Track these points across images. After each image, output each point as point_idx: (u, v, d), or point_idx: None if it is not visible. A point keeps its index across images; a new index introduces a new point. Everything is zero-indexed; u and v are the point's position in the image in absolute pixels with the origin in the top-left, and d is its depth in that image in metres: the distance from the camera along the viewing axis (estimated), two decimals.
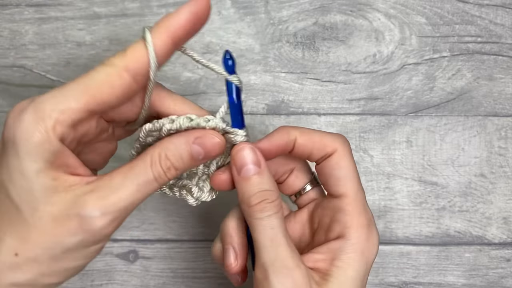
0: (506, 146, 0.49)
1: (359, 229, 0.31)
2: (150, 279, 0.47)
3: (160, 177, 0.28)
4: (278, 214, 0.30)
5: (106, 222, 0.27)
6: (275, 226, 0.29)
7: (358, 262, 0.30)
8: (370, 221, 0.32)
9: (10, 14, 0.48)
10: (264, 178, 0.30)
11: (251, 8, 0.49)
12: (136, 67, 0.27)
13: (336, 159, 0.32)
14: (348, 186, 0.31)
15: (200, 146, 0.29)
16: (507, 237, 0.48)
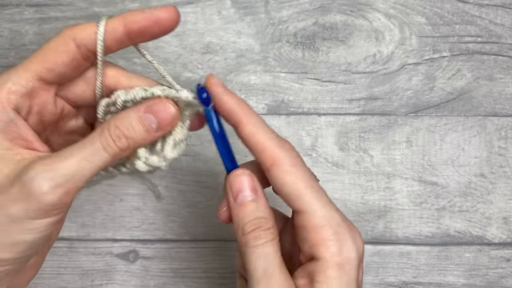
0: (506, 146, 0.49)
1: (326, 245, 0.28)
2: (150, 279, 0.47)
3: (109, 145, 0.28)
4: (273, 242, 0.29)
5: (49, 188, 0.26)
6: (269, 255, 0.28)
7: (335, 278, 0.28)
8: (337, 227, 0.29)
9: (10, 14, 0.48)
10: (260, 205, 0.29)
11: (251, 8, 0.49)
12: (82, 37, 0.28)
13: (277, 174, 0.29)
14: (302, 201, 0.29)
15: (152, 114, 0.29)
16: (507, 237, 0.48)
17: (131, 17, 0.28)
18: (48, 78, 0.28)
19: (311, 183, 0.29)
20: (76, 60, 0.29)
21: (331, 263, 0.28)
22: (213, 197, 0.48)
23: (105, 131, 0.28)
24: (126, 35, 0.29)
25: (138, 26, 0.28)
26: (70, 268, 0.47)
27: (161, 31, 0.29)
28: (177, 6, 0.48)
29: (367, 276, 0.48)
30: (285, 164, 0.29)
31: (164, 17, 0.28)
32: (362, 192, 0.48)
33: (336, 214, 0.29)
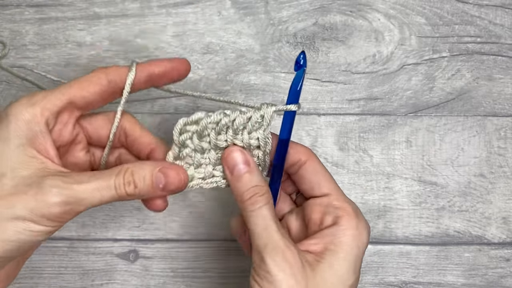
0: (506, 146, 0.49)
1: (349, 218, 0.34)
2: (151, 279, 0.48)
3: (119, 187, 0.31)
4: (268, 205, 0.33)
5: (59, 202, 0.30)
6: (266, 216, 0.33)
7: (349, 245, 0.33)
8: (357, 211, 0.35)
9: (11, 14, 0.48)
10: (253, 175, 0.34)
11: (251, 9, 0.49)
12: (113, 74, 0.33)
13: (312, 166, 0.36)
14: (330, 186, 0.35)
15: (163, 175, 0.33)
16: (507, 237, 0.48)
17: (153, 67, 0.34)
18: (78, 103, 0.33)
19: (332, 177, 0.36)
20: (105, 93, 0.34)
21: (349, 232, 0.33)
22: (213, 197, 0.48)
23: (122, 173, 0.32)
24: (149, 77, 0.34)
25: (160, 72, 0.35)
26: (71, 268, 0.47)
27: (178, 76, 0.35)
28: (177, 6, 0.49)
29: (366, 275, 0.48)
30: (316, 159, 0.36)
31: (179, 66, 0.35)
32: (361, 192, 0.48)
33: (355, 204, 0.36)
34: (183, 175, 0.34)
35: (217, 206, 0.48)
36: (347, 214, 0.34)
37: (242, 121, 0.33)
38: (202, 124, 0.33)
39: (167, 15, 0.49)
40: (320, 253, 0.33)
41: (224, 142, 0.34)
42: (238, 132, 0.34)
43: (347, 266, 0.33)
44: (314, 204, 0.36)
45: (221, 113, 0.33)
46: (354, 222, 0.34)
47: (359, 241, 0.34)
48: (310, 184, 0.36)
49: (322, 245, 0.33)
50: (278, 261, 0.31)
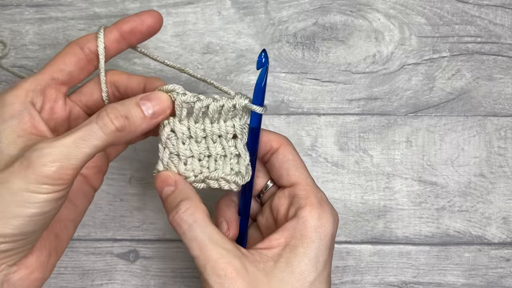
0: (506, 146, 0.49)
1: (310, 208, 0.33)
2: (151, 279, 0.48)
3: (105, 125, 0.30)
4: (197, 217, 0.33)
5: (47, 161, 0.29)
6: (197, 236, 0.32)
7: (309, 238, 0.32)
8: (321, 200, 0.34)
9: (11, 14, 0.48)
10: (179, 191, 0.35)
11: (251, 9, 0.49)
12: (84, 41, 0.34)
13: (282, 153, 0.35)
14: (298, 175, 0.35)
15: (148, 102, 0.32)
16: (507, 237, 0.48)
17: (122, 21, 0.35)
18: (59, 77, 0.34)
19: (304, 165, 0.36)
20: (81, 60, 0.34)
21: (311, 223, 0.32)
22: (213, 197, 0.48)
23: (103, 113, 0.31)
24: (120, 35, 0.35)
25: (129, 27, 0.35)
26: (71, 268, 0.47)
27: (148, 30, 0.35)
28: (177, 6, 0.49)
29: (366, 275, 0.48)
30: (288, 147, 0.36)
31: (148, 17, 0.35)
32: (362, 192, 0.48)
33: (323, 193, 0.35)
34: (167, 97, 0.33)
35: None
36: (309, 204, 0.33)
37: (215, 108, 0.34)
38: (178, 100, 0.33)
39: (167, 15, 0.49)
40: (281, 249, 0.32)
41: (202, 132, 0.35)
42: (214, 121, 0.34)
43: (306, 261, 0.31)
44: (281, 195, 0.35)
45: (195, 96, 0.33)
46: (315, 213, 0.32)
47: (321, 233, 0.32)
48: (279, 173, 0.35)
49: (283, 239, 0.32)
50: (220, 282, 0.30)
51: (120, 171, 0.48)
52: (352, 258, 0.48)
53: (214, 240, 0.31)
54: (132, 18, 0.35)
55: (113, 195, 0.48)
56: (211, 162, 0.35)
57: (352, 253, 0.48)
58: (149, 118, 0.32)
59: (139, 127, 0.32)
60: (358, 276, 0.48)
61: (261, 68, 0.35)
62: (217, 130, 0.35)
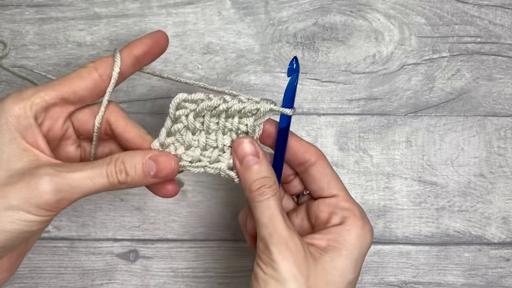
0: (506, 146, 0.49)
1: (355, 219, 0.35)
2: (151, 279, 0.48)
3: (111, 175, 0.32)
4: (275, 197, 0.34)
5: (51, 190, 0.30)
6: (272, 207, 0.34)
7: (352, 244, 0.34)
8: (363, 213, 0.36)
9: (11, 14, 0.48)
10: (262, 166, 0.34)
11: (251, 9, 0.49)
12: (103, 67, 0.34)
13: (322, 166, 0.37)
14: (338, 187, 0.37)
15: (154, 163, 0.34)
16: (506, 237, 0.48)
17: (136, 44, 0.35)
18: (70, 98, 0.33)
19: (340, 179, 0.38)
20: (98, 87, 0.34)
21: (354, 232, 0.34)
22: (213, 197, 0.48)
23: (113, 162, 0.33)
24: (136, 59, 0.35)
25: (143, 50, 0.35)
26: (71, 268, 0.47)
27: (160, 50, 0.36)
28: (178, 6, 0.49)
29: (366, 275, 0.48)
30: (325, 160, 0.37)
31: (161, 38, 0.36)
32: (361, 192, 0.48)
33: (361, 207, 0.37)
34: (173, 161, 0.35)
35: (217, 206, 0.48)
36: (354, 215, 0.35)
37: (237, 109, 0.34)
38: (202, 106, 0.34)
39: (167, 15, 0.49)
40: (324, 247, 0.34)
41: (215, 125, 0.35)
42: (230, 116, 0.35)
43: (348, 262, 0.34)
44: (322, 204, 0.37)
45: (221, 99, 0.34)
46: (360, 223, 0.35)
47: (363, 241, 0.35)
48: (320, 185, 0.37)
49: (326, 241, 0.35)
50: (282, 250, 0.33)
51: None
52: None
53: (283, 216, 0.34)
54: (145, 42, 0.35)
55: (113, 195, 0.48)
56: (214, 152, 0.36)
57: None
58: (150, 178, 0.34)
59: (138, 184, 0.34)
60: None
61: (291, 75, 0.35)
62: (229, 125, 0.35)
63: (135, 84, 0.48)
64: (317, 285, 0.33)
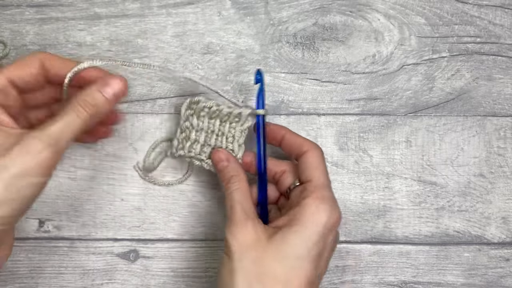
0: (505, 146, 0.49)
1: (313, 200, 0.38)
2: (151, 279, 0.48)
3: (80, 112, 0.36)
4: (238, 190, 0.40)
5: (42, 147, 0.34)
6: (234, 198, 0.40)
7: (304, 222, 0.37)
8: (325, 196, 0.38)
9: (11, 14, 0.48)
10: (231, 168, 0.42)
11: (251, 9, 0.49)
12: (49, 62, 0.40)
13: (308, 155, 0.41)
14: (312, 174, 0.40)
15: (107, 86, 0.38)
16: (506, 237, 0.48)
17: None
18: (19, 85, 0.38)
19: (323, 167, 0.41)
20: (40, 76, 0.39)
21: (308, 210, 0.38)
22: (213, 197, 0.48)
23: (75, 104, 0.36)
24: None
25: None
26: (71, 268, 0.47)
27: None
28: (177, 6, 0.49)
29: (366, 275, 0.48)
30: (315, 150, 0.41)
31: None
32: (361, 192, 0.48)
33: (331, 193, 0.40)
34: (119, 79, 0.39)
35: (217, 206, 0.48)
36: (313, 197, 0.38)
37: (225, 113, 0.43)
38: (200, 105, 0.43)
39: (167, 15, 0.49)
40: (280, 227, 0.38)
41: (212, 126, 0.44)
42: (222, 122, 0.44)
43: (299, 240, 0.36)
44: (297, 189, 0.41)
45: (213, 103, 0.43)
46: (315, 203, 0.38)
47: (316, 219, 0.37)
48: (304, 173, 0.41)
49: (285, 221, 0.38)
50: (234, 233, 0.37)
51: (120, 171, 0.48)
52: (352, 258, 0.48)
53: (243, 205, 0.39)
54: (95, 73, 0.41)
55: (113, 195, 0.48)
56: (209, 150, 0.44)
57: (352, 252, 0.48)
58: (112, 100, 0.38)
59: (106, 110, 0.38)
60: (357, 275, 0.48)
61: (258, 83, 0.43)
62: (222, 129, 0.44)
63: (135, 84, 0.48)
64: (265, 260, 0.36)
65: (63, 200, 0.47)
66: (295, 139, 0.42)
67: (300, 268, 0.36)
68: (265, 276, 0.36)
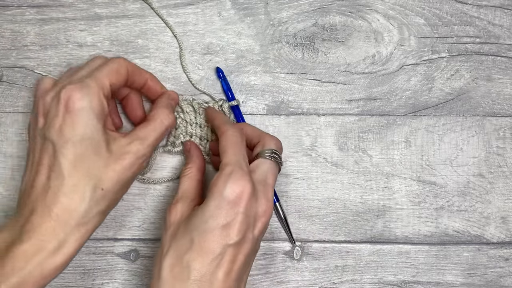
0: (504, 146, 0.49)
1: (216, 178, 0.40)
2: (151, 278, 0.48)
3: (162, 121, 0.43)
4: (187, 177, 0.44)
5: (147, 154, 0.42)
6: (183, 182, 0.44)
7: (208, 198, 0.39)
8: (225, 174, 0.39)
9: (12, 15, 0.49)
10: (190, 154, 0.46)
11: (251, 9, 0.49)
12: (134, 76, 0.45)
13: (221, 138, 0.42)
14: (223, 154, 0.41)
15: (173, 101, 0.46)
16: (505, 237, 0.48)
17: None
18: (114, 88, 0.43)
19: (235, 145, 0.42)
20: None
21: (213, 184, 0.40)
22: None
23: (156, 117, 0.43)
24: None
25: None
26: (72, 267, 0.47)
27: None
28: (178, 7, 0.49)
29: (366, 275, 0.48)
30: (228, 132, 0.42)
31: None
32: (361, 192, 0.48)
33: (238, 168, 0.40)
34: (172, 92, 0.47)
35: None
36: (217, 176, 0.40)
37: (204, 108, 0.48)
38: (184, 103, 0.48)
39: (168, 15, 0.49)
40: None
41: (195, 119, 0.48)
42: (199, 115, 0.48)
43: (200, 215, 0.39)
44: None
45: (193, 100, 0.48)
46: (216, 180, 0.39)
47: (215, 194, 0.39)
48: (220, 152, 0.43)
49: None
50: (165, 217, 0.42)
51: None
52: (352, 258, 0.48)
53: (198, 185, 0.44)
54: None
55: None
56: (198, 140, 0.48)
57: (352, 252, 0.48)
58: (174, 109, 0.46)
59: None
60: (357, 275, 0.48)
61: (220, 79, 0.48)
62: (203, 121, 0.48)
63: None
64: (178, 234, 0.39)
65: None
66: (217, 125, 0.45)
67: (201, 240, 0.38)
68: (172, 249, 0.38)
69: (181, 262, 0.37)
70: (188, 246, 0.38)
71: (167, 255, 0.38)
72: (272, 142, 0.43)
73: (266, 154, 0.42)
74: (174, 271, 0.37)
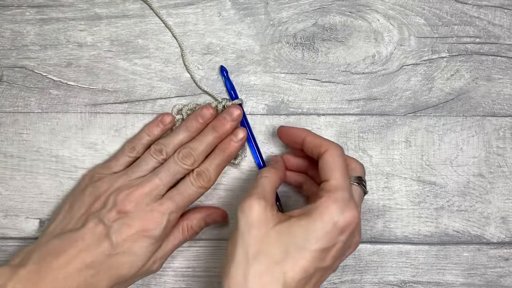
0: (505, 146, 0.49)
1: (326, 200, 0.38)
2: (151, 278, 0.48)
3: (185, 236, 0.45)
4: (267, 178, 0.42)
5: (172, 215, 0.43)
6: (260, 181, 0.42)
7: (314, 219, 0.38)
8: (339, 198, 0.39)
9: (12, 15, 0.49)
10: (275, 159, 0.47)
11: (251, 9, 0.49)
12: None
13: (327, 155, 0.41)
14: (330, 174, 0.40)
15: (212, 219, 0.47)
16: (505, 237, 0.48)
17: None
18: None
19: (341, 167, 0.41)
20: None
21: (319, 210, 0.38)
22: (213, 197, 0.48)
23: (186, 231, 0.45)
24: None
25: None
26: None
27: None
28: (178, 7, 0.49)
29: (366, 275, 0.48)
30: (334, 150, 0.41)
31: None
32: None
33: (348, 195, 0.39)
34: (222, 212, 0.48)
35: (217, 206, 0.48)
36: (327, 197, 0.39)
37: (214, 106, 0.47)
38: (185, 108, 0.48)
39: (168, 15, 0.49)
40: (291, 217, 0.39)
41: None
42: None
43: (303, 232, 0.38)
44: (316, 185, 0.44)
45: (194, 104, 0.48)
46: (327, 203, 0.38)
47: (326, 218, 0.38)
48: (322, 172, 0.41)
49: (298, 213, 0.39)
50: (244, 208, 0.39)
51: None
52: (352, 257, 0.48)
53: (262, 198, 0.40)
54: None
55: None
56: None
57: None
58: None
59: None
60: (357, 275, 0.48)
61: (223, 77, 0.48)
62: None
63: (135, 85, 0.48)
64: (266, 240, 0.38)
65: (63, 200, 0.47)
66: (314, 140, 0.43)
67: (299, 257, 0.37)
68: (262, 255, 0.37)
69: (272, 271, 0.37)
70: (281, 257, 0.37)
71: (256, 260, 0.38)
72: (361, 169, 0.43)
73: (356, 181, 0.42)
74: (263, 280, 0.37)
